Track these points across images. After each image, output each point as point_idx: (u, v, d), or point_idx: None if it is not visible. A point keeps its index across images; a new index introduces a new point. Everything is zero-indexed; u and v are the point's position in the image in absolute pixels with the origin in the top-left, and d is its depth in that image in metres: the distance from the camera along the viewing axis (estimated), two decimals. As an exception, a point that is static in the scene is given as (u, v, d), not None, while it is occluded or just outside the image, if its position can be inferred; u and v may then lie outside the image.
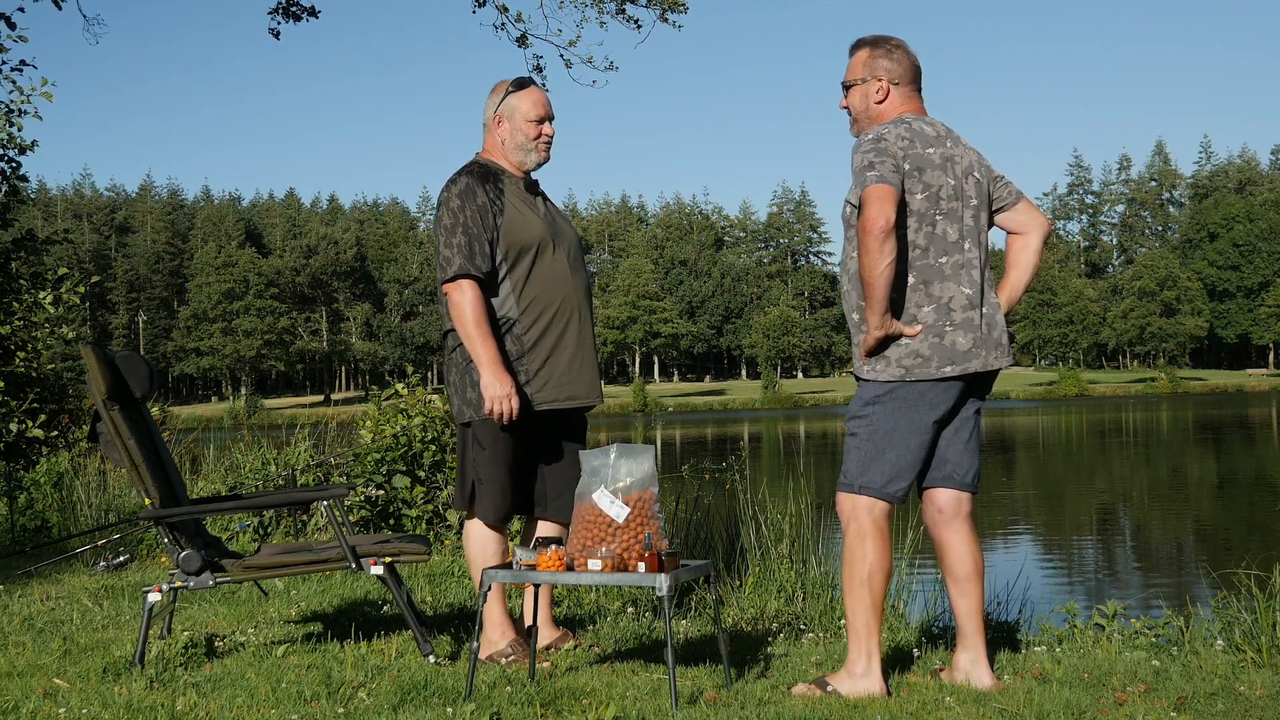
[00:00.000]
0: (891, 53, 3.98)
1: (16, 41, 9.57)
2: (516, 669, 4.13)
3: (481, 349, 4.20)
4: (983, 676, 3.89)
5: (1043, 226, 4.04)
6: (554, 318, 4.33)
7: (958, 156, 3.89)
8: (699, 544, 6.90)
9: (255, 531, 8.19)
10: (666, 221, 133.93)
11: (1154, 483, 20.67)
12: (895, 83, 3.96)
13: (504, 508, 4.36)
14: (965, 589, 3.93)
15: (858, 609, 3.79)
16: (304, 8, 11.10)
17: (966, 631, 3.94)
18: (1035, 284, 40.11)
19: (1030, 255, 4.03)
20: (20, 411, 9.32)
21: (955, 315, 3.79)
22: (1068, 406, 68.81)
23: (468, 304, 4.21)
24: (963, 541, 3.94)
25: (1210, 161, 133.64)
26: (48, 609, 5.64)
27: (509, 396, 4.19)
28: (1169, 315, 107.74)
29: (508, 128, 4.40)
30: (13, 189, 9.78)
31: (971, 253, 3.85)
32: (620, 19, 10.99)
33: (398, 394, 8.24)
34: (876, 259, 3.64)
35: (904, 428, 3.80)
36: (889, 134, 3.81)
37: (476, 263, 4.23)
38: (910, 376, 3.78)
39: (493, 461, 4.32)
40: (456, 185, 4.32)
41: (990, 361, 3.84)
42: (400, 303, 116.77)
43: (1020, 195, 4.04)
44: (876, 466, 3.81)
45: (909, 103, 3.98)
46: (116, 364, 4.62)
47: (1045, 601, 6.81)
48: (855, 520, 3.82)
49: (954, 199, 3.83)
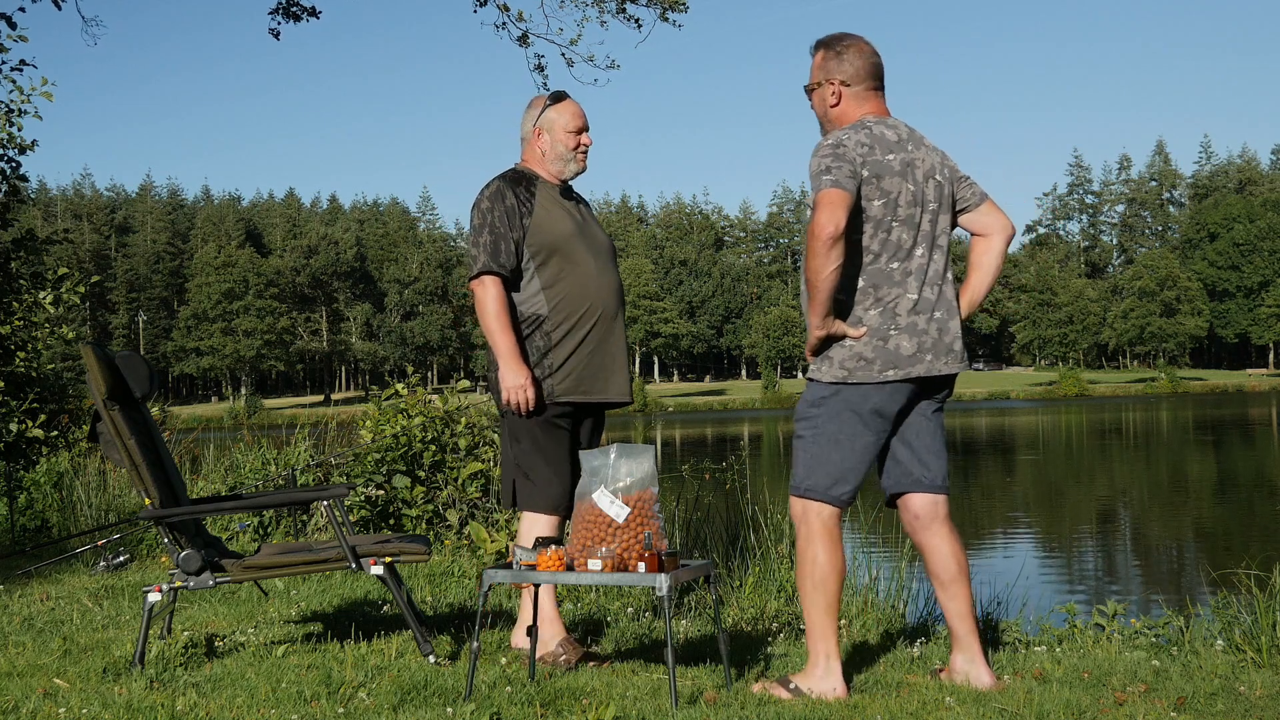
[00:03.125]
0: (842, 54, 3.93)
1: (16, 41, 9.56)
2: (518, 669, 4.13)
3: (500, 341, 4.32)
4: (981, 675, 3.89)
5: (1006, 229, 3.99)
6: (582, 316, 4.40)
7: (919, 160, 3.85)
8: (699, 544, 6.90)
9: (255, 531, 8.18)
10: (666, 221, 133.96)
11: (1154, 483, 20.67)
12: (847, 84, 3.92)
13: (551, 496, 4.40)
14: (953, 591, 3.92)
15: (813, 613, 3.80)
16: (304, 8, 11.09)
17: (959, 633, 3.94)
18: (1034, 287, 39.88)
19: (992, 258, 3.99)
20: (20, 411, 9.31)
21: (900, 319, 3.78)
22: (1068, 406, 68.79)
23: (490, 299, 4.34)
24: (944, 543, 3.93)
25: (1210, 161, 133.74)
26: (48, 609, 5.64)
27: (524, 388, 4.29)
28: (1169, 315, 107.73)
29: (548, 140, 4.52)
30: (13, 189, 9.78)
31: (925, 258, 3.82)
32: (621, 18, 10.98)
33: (398, 394, 8.24)
34: (822, 263, 3.63)
35: (848, 431, 3.78)
36: (849, 140, 3.78)
37: (501, 260, 4.35)
38: (852, 379, 3.76)
39: (532, 452, 4.40)
40: (489, 189, 4.46)
41: (938, 367, 3.81)
42: (400, 303, 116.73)
43: (984, 197, 4.00)
44: (822, 470, 3.79)
45: (866, 104, 3.93)
46: (116, 364, 4.62)
47: (1045, 601, 6.81)
48: (805, 523, 3.82)
49: (912, 205, 3.81)
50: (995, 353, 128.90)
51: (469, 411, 8.10)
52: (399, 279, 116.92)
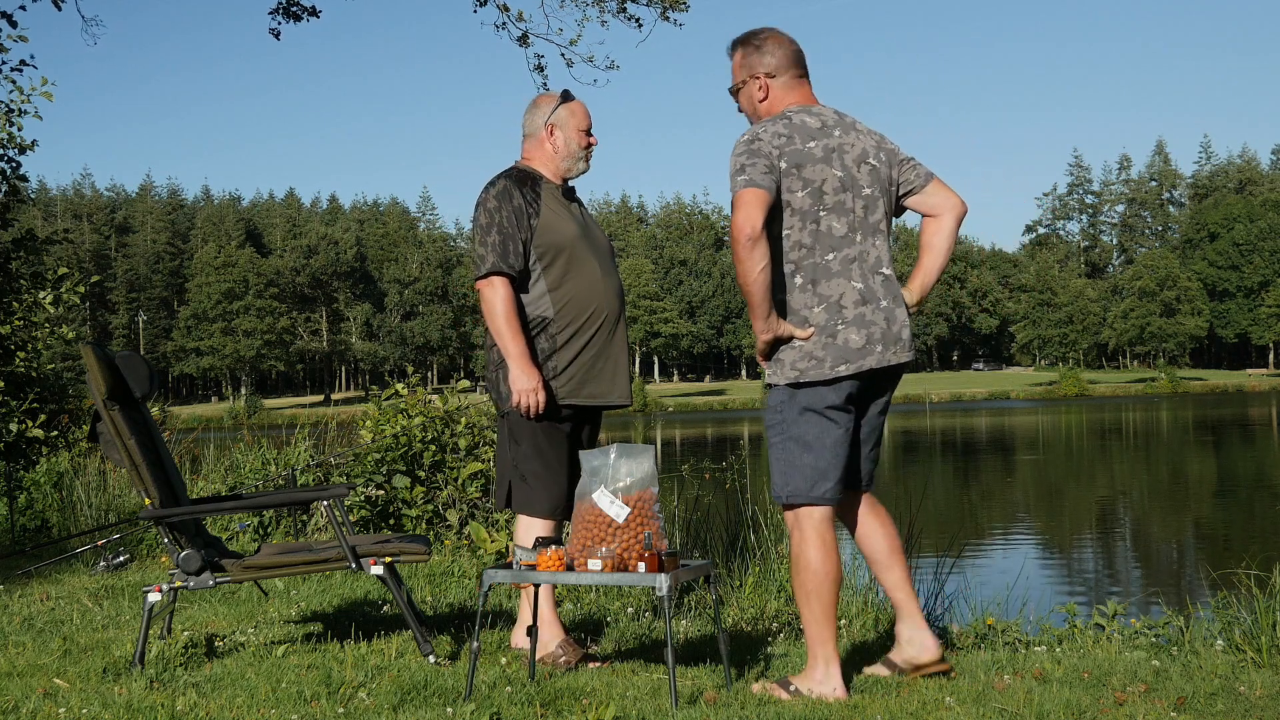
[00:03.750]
0: (762, 46, 3.90)
1: (16, 41, 9.56)
2: (518, 669, 4.13)
3: (511, 344, 4.30)
4: (927, 642, 3.94)
5: (956, 208, 3.91)
6: (588, 319, 4.39)
7: (847, 145, 3.79)
8: (699, 544, 6.90)
9: (255, 531, 8.18)
10: (666, 221, 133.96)
11: (1154, 483, 20.67)
12: (772, 75, 3.89)
13: (546, 500, 4.39)
14: (890, 564, 3.97)
15: (809, 619, 3.79)
16: (304, 8, 11.09)
17: (901, 602, 3.97)
18: (1034, 287, 39.74)
19: (944, 239, 3.91)
20: (20, 411, 9.31)
21: (847, 312, 3.74)
22: (1068, 406, 68.77)
23: (499, 300, 4.32)
24: (873, 526, 3.98)
25: (1210, 161, 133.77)
26: (48, 609, 5.64)
27: (535, 390, 4.29)
28: (1169, 315, 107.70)
29: (560, 138, 4.49)
30: (13, 189, 9.77)
31: (863, 244, 3.77)
32: (621, 18, 10.98)
33: (398, 394, 8.23)
34: (749, 265, 3.61)
35: (814, 430, 3.76)
36: (764, 133, 3.74)
37: (510, 261, 4.33)
38: (805, 379, 3.74)
39: (531, 455, 4.39)
40: (494, 188, 4.42)
41: (888, 358, 3.78)
42: (400, 303, 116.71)
43: (930, 176, 3.93)
44: (798, 474, 3.77)
45: (793, 93, 3.89)
46: (116, 364, 4.62)
47: (1045, 601, 6.80)
48: (798, 529, 3.80)
49: (840, 191, 3.74)
50: (995, 353, 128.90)
51: (469, 411, 8.10)
52: (399, 279, 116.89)
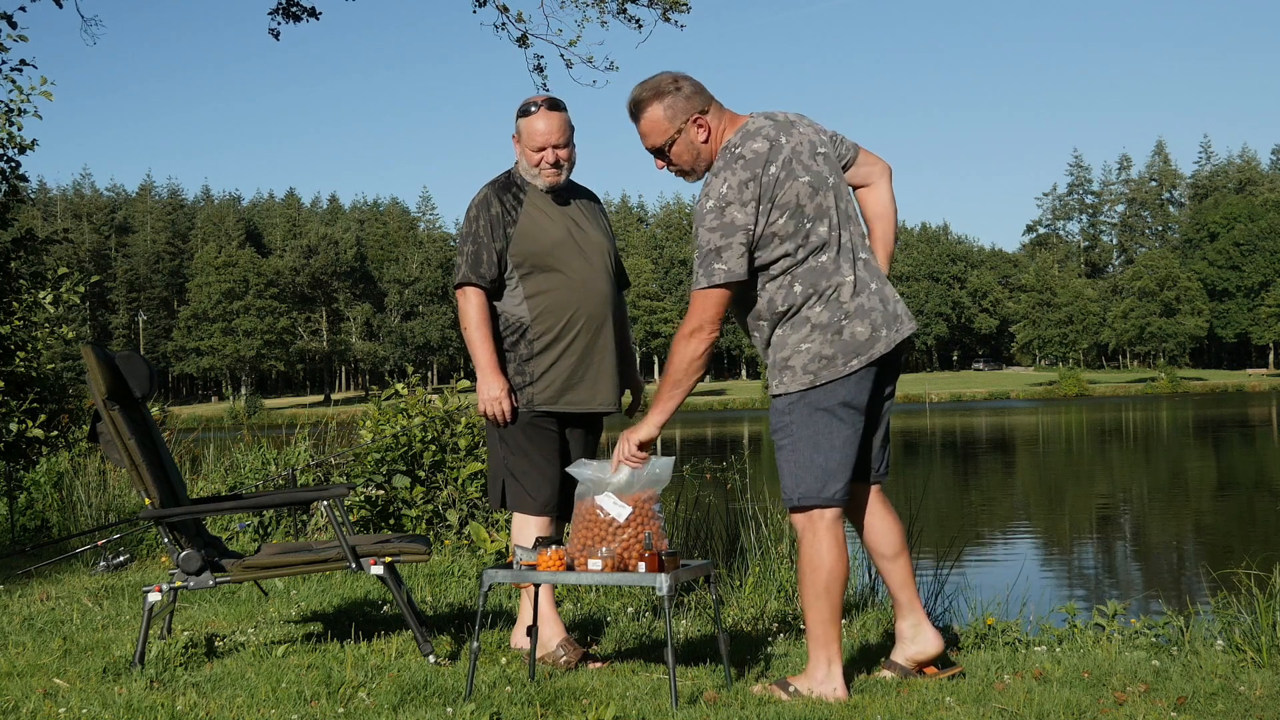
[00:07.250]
0: (679, 88, 3.83)
1: (16, 41, 9.57)
2: (518, 669, 4.13)
3: (479, 352, 4.40)
4: (929, 636, 3.97)
5: (886, 171, 4.03)
6: (565, 325, 4.38)
7: (797, 146, 3.78)
8: (699, 544, 6.90)
9: (255, 531, 8.18)
10: (666, 221, 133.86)
11: (1154, 483, 20.66)
12: (705, 112, 3.84)
13: (539, 498, 4.41)
14: (898, 563, 3.98)
15: (816, 619, 3.77)
16: (304, 8, 11.10)
17: (903, 600, 3.99)
18: (1033, 287, 39.86)
19: (885, 205, 4.01)
20: (20, 411, 9.32)
21: (847, 306, 3.74)
22: (1068, 406, 68.76)
23: (471, 309, 4.42)
24: (881, 521, 3.99)
25: (1210, 161, 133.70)
26: (48, 609, 5.64)
27: (500, 399, 4.36)
28: (1169, 315, 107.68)
29: (518, 149, 4.50)
30: (13, 189, 9.78)
31: (843, 234, 3.78)
32: (622, 19, 10.97)
33: (398, 394, 8.24)
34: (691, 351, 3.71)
35: (824, 430, 3.74)
36: (732, 196, 3.67)
37: (480, 271, 4.40)
38: (820, 380, 3.73)
39: (517, 454, 4.42)
40: (477, 197, 4.49)
41: (894, 338, 3.79)
42: (400, 303, 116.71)
43: (857, 147, 3.98)
44: (809, 475, 3.76)
45: (723, 118, 3.85)
46: (116, 364, 4.62)
47: (1045, 601, 6.80)
48: (810, 531, 3.79)
49: (814, 195, 3.74)
50: (995, 353, 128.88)
51: (469, 411, 8.10)
52: (399, 279, 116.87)
